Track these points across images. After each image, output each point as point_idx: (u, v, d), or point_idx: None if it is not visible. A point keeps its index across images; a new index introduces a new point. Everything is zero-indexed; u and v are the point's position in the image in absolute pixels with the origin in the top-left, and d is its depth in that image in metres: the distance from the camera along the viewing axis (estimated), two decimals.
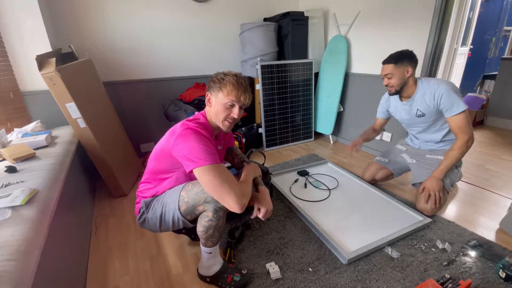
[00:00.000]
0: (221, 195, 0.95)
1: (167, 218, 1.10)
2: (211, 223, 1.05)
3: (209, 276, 1.16)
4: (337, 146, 2.81)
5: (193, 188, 1.06)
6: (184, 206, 1.06)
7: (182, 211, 1.07)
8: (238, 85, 1.05)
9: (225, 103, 1.06)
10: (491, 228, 1.50)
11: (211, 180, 0.94)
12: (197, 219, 1.11)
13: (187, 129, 1.00)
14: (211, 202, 1.02)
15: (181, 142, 0.98)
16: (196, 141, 0.97)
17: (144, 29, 2.31)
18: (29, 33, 1.72)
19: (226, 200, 0.95)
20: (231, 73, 1.08)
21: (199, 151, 0.95)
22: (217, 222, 1.06)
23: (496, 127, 3.36)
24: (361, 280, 1.17)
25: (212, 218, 1.04)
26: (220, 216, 1.06)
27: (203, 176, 0.95)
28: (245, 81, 1.09)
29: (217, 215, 1.04)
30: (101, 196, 1.93)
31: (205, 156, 0.95)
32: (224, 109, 1.07)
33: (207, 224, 1.06)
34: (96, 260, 1.35)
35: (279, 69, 2.61)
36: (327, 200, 1.78)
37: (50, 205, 0.96)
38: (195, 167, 0.94)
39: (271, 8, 2.87)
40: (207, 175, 0.94)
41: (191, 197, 1.05)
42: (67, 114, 1.58)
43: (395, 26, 2.15)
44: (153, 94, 2.51)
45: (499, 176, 2.09)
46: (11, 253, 0.67)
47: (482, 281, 1.15)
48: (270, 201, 1.18)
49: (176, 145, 0.99)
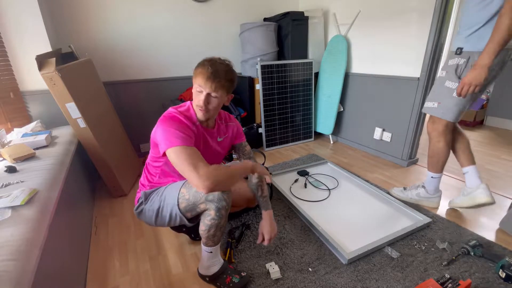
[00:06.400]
0: (186, 174, 0.95)
1: (164, 213, 1.11)
2: (214, 222, 1.05)
3: (208, 275, 1.16)
4: (337, 146, 2.81)
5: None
6: (184, 203, 1.06)
7: (181, 208, 1.07)
8: (208, 71, 1.00)
9: (195, 88, 1.05)
10: (491, 228, 1.50)
11: (179, 161, 0.96)
12: (196, 217, 1.11)
13: (164, 116, 1.07)
14: (213, 201, 1.02)
15: (158, 127, 1.04)
16: (169, 125, 1.01)
17: (144, 29, 2.31)
18: (29, 33, 1.72)
19: (190, 180, 0.95)
20: (214, 59, 1.05)
21: (170, 134, 0.99)
22: (219, 221, 1.06)
23: (496, 127, 3.36)
24: (361, 280, 1.17)
25: (215, 217, 1.04)
26: (223, 215, 1.05)
27: (172, 156, 0.98)
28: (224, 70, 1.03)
29: (220, 213, 1.04)
30: (101, 196, 1.93)
31: (175, 139, 0.98)
32: (195, 94, 1.06)
33: (210, 223, 1.05)
34: (96, 260, 1.35)
35: (279, 69, 2.61)
36: (327, 200, 1.78)
37: (50, 205, 0.96)
38: (166, 149, 0.98)
39: (271, 8, 2.87)
40: (176, 156, 0.96)
41: (192, 194, 1.04)
42: (67, 114, 1.58)
43: (395, 26, 2.15)
44: (153, 94, 2.51)
45: (499, 176, 2.09)
46: (11, 253, 0.67)
47: (482, 281, 1.15)
48: (274, 226, 1.25)
49: (155, 131, 1.05)
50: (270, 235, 1.22)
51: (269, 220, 1.25)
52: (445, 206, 1.72)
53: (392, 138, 2.36)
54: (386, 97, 2.33)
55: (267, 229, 1.23)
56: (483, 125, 3.46)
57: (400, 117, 2.25)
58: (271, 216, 1.27)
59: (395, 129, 2.32)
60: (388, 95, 2.31)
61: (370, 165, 2.32)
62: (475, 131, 3.21)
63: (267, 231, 1.23)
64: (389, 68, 2.27)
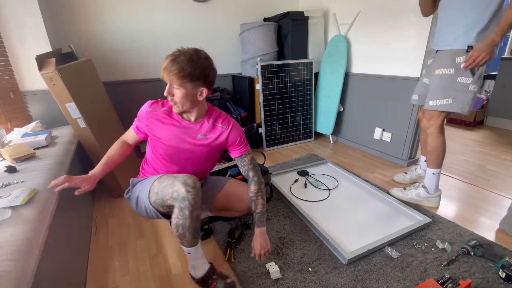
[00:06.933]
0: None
1: (140, 204, 1.13)
2: (178, 221, 1.00)
3: (195, 278, 1.15)
4: (337, 146, 2.81)
5: (165, 180, 1.04)
6: (154, 197, 1.06)
7: (152, 201, 1.07)
8: (167, 60, 0.97)
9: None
10: (491, 228, 1.50)
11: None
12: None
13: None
14: (177, 200, 0.98)
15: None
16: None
17: (144, 29, 2.31)
18: (29, 33, 1.72)
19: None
20: (183, 49, 1.00)
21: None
22: (184, 221, 1.00)
23: (496, 127, 3.36)
24: (361, 280, 1.17)
25: (179, 216, 0.99)
26: (186, 216, 0.98)
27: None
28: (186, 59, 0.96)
29: (183, 213, 0.98)
30: (101, 196, 1.93)
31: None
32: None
33: (175, 222, 1.01)
34: (96, 260, 1.35)
35: (279, 69, 2.61)
36: (327, 200, 1.78)
37: (50, 205, 0.96)
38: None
39: (271, 8, 2.87)
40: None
41: (160, 189, 1.04)
42: (67, 114, 1.58)
43: (395, 26, 2.15)
44: (153, 94, 2.50)
45: (499, 176, 2.09)
46: (11, 253, 0.67)
47: (482, 281, 1.15)
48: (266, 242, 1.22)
49: None
50: (260, 251, 1.19)
51: (260, 237, 1.21)
52: (445, 206, 1.72)
53: (392, 138, 2.36)
54: (386, 97, 2.33)
55: (257, 245, 1.20)
56: (483, 125, 3.46)
57: (400, 117, 2.25)
58: (263, 233, 1.22)
59: (395, 129, 2.32)
60: (388, 95, 2.31)
61: (370, 165, 2.32)
62: (475, 131, 3.22)
63: (257, 247, 1.20)
64: (389, 68, 2.27)
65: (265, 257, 1.21)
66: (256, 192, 1.20)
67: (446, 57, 1.47)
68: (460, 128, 3.36)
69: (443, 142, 1.60)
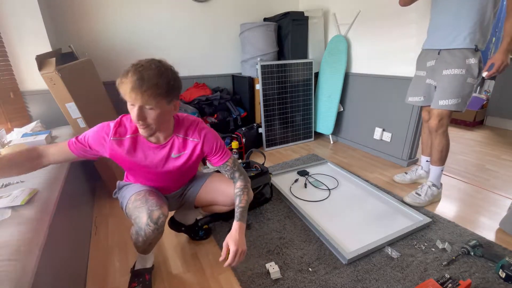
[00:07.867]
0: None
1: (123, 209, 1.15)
2: (132, 237, 1.09)
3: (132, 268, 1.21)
4: (337, 146, 2.81)
5: (138, 200, 1.06)
6: (127, 209, 1.10)
7: (126, 212, 1.11)
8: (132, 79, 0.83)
9: (128, 103, 0.88)
10: (491, 228, 1.50)
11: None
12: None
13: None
14: (137, 224, 1.02)
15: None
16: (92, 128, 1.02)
17: (144, 29, 2.31)
18: (29, 33, 1.72)
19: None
20: (140, 62, 0.88)
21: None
22: (136, 242, 1.09)
23: (496, 127, 3.36)
24: (361, 280, 1.17)
25: (134, 234, 1.07)
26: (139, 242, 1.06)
27: None
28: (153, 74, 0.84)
29: (137, 236, 1.05)
30: (101, 196, 1.93)
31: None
32: (129, 109, 0.89)
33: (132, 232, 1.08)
34: (96, 260, 1.35)
35: (279, 69, 2.61)
36: (327, 200, 1.78)
37: (50, 205, 0.96)
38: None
39: (271, 8, 2.87)
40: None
41: (131, 208, 1.06)
42: (67, 114, 1.58)
43: (395, 25, 2.15)
44: None
45: (499, 176, 2.09)
46: (11, 253, 0.67)
47: (482, 281, 1.15)
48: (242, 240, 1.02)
49: None
50: (236, 249, 0.97)
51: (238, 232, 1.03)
52: (445, 206, 1.72)
53: (392, 138, 2.36)
54: (386, 97, 2.33)
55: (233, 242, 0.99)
56: (483, 125, 3.46)
57: (400, 117, 2.25)
58: (242, 229, 1.05)
59: (395, 129, 2.32)
60: (388, 95, 2.31)
61: (370, 165, 2.32)
62: (475, 131, 3.22)
63: (233, 243, 0.98)
64: (389, 68, 2.27)
65: (239, 261, 0.99)
66: (243, 188, 1.14)
67: (456, 57, 1.49)
68: (460, 128, 3.36)
69: (448, 140, 1.66)
